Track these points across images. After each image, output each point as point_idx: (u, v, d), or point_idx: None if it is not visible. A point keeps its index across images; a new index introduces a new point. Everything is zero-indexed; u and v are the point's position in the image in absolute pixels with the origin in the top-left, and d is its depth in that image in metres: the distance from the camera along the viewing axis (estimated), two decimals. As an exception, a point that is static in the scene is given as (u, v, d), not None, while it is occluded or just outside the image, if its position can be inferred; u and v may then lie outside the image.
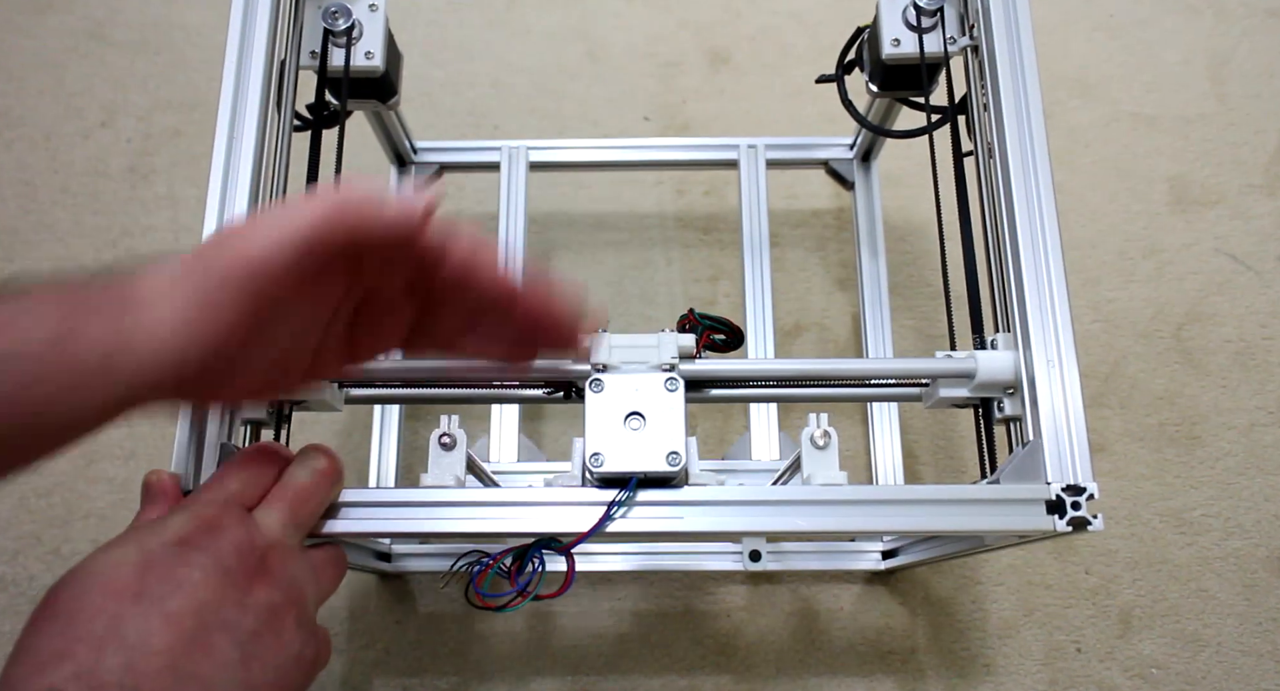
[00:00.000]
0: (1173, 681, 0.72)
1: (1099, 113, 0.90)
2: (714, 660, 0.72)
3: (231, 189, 0.48)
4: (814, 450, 0.48)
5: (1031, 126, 0.49)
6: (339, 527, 0.43)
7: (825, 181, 0.88)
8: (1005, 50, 0.51)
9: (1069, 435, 0.44)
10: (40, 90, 0.93)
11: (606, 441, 0.43)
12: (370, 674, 0.72)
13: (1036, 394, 0.45)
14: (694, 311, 0.51)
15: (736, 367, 0.48)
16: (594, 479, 0.43)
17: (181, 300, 0.33)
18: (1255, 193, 0.87)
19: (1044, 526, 0.42)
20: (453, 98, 0.93)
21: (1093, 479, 0.43)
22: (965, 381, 0.47)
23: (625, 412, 0.44)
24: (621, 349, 0.46)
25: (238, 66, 0.51)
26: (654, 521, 0.42)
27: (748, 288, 0.73)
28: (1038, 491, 0.43)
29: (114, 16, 0.96)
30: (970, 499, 0.43)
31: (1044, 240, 0.47)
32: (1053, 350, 0.45)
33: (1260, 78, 0.90)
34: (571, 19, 0.96)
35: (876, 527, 0.44)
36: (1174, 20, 0.93)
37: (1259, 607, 0.73)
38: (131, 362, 0.32)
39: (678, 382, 0.44)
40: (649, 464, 0.43)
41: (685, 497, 0.43)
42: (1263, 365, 0.81)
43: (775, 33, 0.95)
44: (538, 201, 0.86)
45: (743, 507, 0.43)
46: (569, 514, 0.42)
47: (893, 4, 0.59)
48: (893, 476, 0.72)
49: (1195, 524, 0.76)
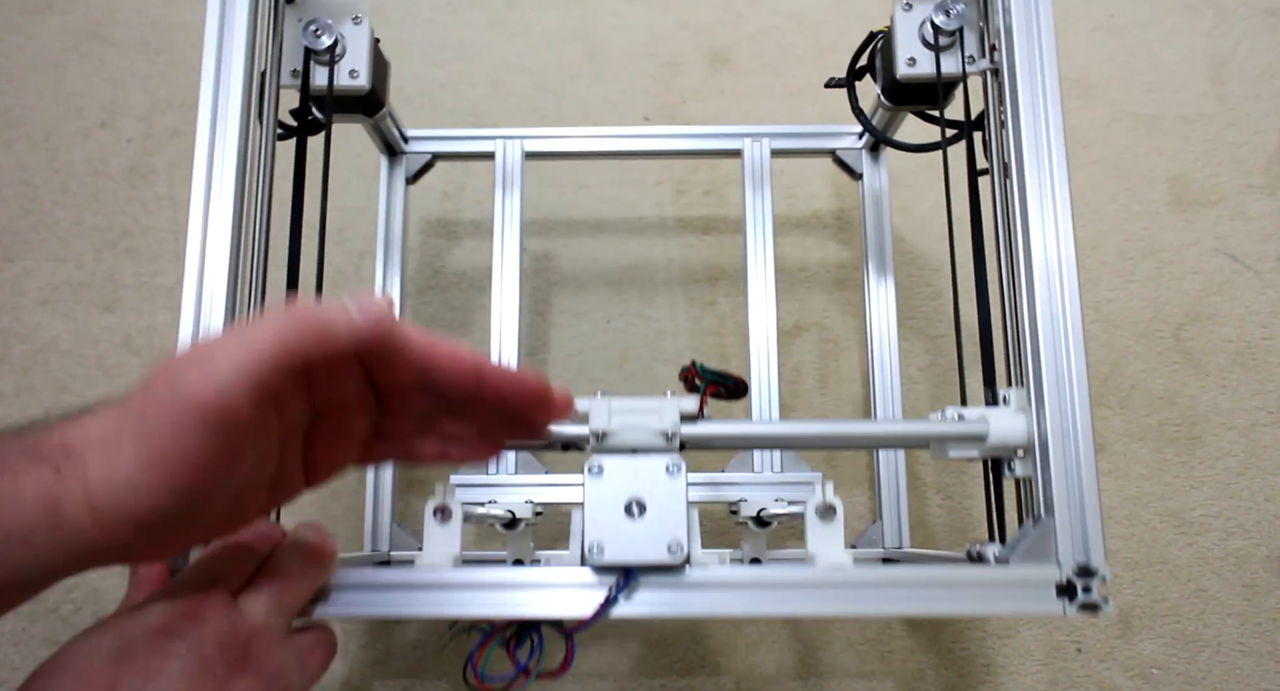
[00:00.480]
0: (1173, 681, 0.72)
1: (1099, 113, 0.90)
2: (714, 661, 0.72)
3: (215, 200, 0.47)
4: (819, 524, 0.46)
5: (1051, 148, 0.47)
6: (329, 612, 0.41)
7: (825, 181, 0.88)
8: (1027, 71, 0.49)
9: (1081, 511, 0.43)
10: (40, 90, 0.93)
11: (606, 530, 0.42)
12: (370, 674, 0.72)
13: (1050, 467, 0.43)
14: (696, 365, 0.49)
15: (739, 430, 0.47)
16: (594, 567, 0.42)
17: (133, 450, 0.31)
18: (1255, 193, 0.87)
19: (1053, 610, 0.42)
20: (453, 98, 0.93)
21: (1105, 560, 0.42)
22: (976, 443, 0.46)
23: (625, 500, 0.42)
24: (621, 413, 0.44)
25: (215, 80, 0.49)
26: (656, 606, 0.42)
27: (750, 283, 0.71)
28: (1048, 574, 0.42)
29: (114, 16, 0.96)
30: (979, 582, 0.42)
31: (1062, 283, 0.46)
32: (1068, 415, 0.44)
33: (1260, 78, 0.90)
34: (571, 19, 0.96)
35: (883, 612, 0.43)
36: (1174, 20, 0.93)
37: (1259, 607, 0.73)
38: (81, 518, 0.30)
39: (679, 467, 0.43)
40: (650, 555, 0.42)
41: (687, 582, 0.42)
42: (1263, 365, 0.81)
43: (775, 33, 0.95)
44: (537, 202, 0.86)
45: (745, 590, 0.42)
46: (569, 597, 0.42)
47: (908, 20, 0.56)
48: (897, 509, 0.70)
49: (1195, 524, 0.76)
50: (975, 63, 0.54)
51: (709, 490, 0.66)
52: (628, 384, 0.82)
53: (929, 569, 0.43)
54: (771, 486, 0.66)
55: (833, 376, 0.82)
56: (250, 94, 0.50)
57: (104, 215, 0.88)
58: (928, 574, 0.43)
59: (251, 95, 0.50)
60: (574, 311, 0.85)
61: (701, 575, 0.42)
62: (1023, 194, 0.47)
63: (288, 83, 0.56)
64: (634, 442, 0.44)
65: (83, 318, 0.84)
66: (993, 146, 0.52)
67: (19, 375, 0.82)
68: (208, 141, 0.48)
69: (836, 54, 0.64)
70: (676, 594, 0.42)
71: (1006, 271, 0.50)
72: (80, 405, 0.33)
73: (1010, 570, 0.43)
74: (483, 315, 0.83)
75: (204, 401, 0.31)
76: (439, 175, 0.87)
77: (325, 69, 0.57)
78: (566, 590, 0.42)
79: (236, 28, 0.50)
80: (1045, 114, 0.48)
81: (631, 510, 0.42)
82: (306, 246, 0.57)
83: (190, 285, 0.47)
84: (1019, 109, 0.48)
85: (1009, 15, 0.50)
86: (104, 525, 0.31)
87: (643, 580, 0.42)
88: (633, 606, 0.42)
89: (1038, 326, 0.45)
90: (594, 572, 0.42)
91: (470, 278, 0.86)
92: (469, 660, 0.42)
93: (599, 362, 0.83)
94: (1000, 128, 0.51)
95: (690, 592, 0.42)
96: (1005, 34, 0.50)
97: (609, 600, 0.41)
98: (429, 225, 0.87)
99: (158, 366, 0.32)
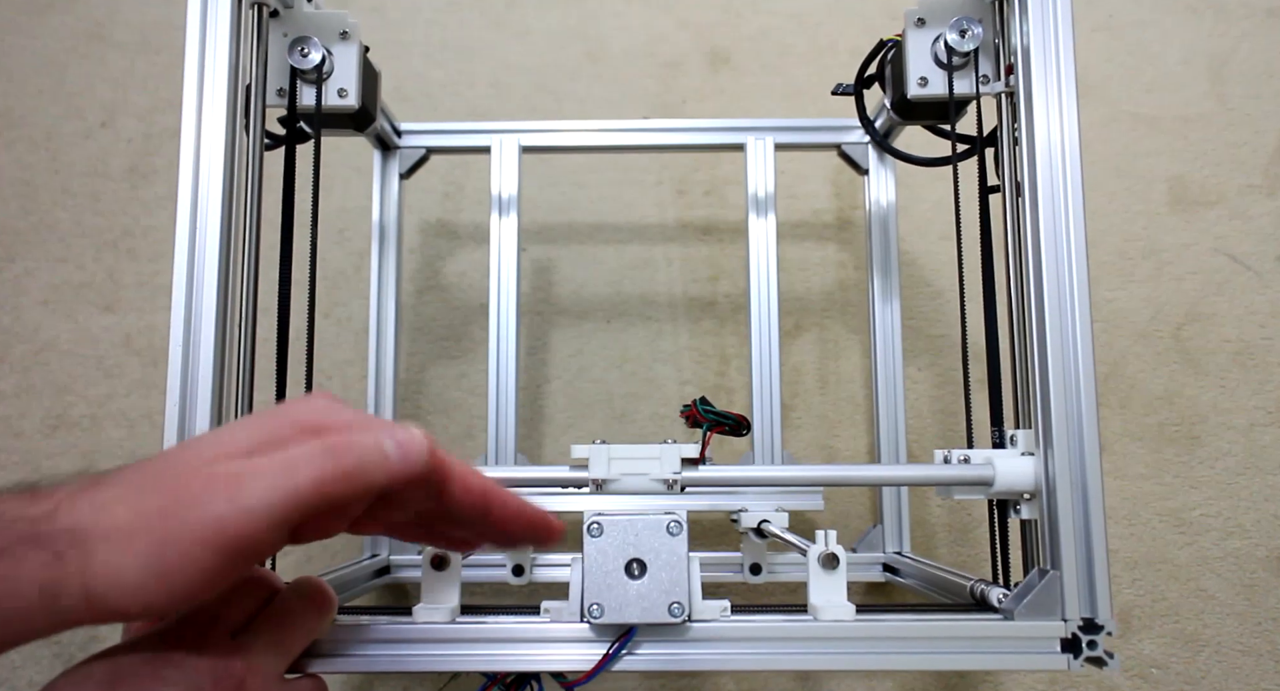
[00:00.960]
0: (1173, 681, 0.72)
1: (1099, 113, 0.90)
2: (714, 660, 0.72)
3: (200, 215, 0.47)
4: (821, 573, 0.45)
5: (1068, 172, 0.46)
6: (326, 668, 0.41)
7: (825, 181, 0.88)
8: (1044, 92, 0.47)
9: (1089, 564, 0.43)
10: (40, 90, 0.93)
11: (606, 591, 0.41)
12: (370, 674, 0.72)
13: (1057, 517, 0.43)
14: (699, 405, 0.49)
15: (741, 475, 0.47)
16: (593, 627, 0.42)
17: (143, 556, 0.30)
18: (1255, 193, 0.87)
19: (1057, 666, 0.42)
20: (453, 98, 0.93)
21: (1111, 614, 0.42)
22: (982, 488, 0.46)
23: (625, 559, 0.42)
24: (621, 461, 0.44)
25: (198, 93, 0.48)
26: (657, 661, 0.42)
27: (752, 279, 0.71)
28: (1054, 629, 0.42)
29: (114, 16, 0.96)
30: (984, 636, 0.42)
31: (1074, 327, 0.45)
32: (1076, 461, 0.44)
33: (1260, 78, 0.90)
34: (571, 19, 0.96)
35: (886, 667, 0.43)
36: (1174, 20, 0.93)
37: (1259, 607, 0.73)
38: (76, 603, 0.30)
39: (681, 527, 0.43)
40: (651, 615, 0.41)
41: (689, 637, 0.42)
42: (1262, 365, 0.81)
43: (775, 33, 0.95)
44: (537, 202, 0.86)
45: (747, 644, 0.42)
46: (569, 652, 0.42)
47: (921, 38, 0.54)
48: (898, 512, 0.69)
49: (1195, 524, 0.76)
50: (989, 84, 0.53)
51: (710, 499, 0.66)
52: (627, 383, 0.82)
53: (933, 622, 0.43)
54: (772, 495, 0.66)
55: (833, 377, 0.82)
56: (235, 106, 0.49)
57: (104, 215, 0.88)
58: (932, 627, 0.43)
59: (237, 107, 0.49)
60: (574, 311, 0.85)
61: (702, 629, 0.42)
62: (1035, 215, 0.47)
63: (274, 102, 0.55)
64: (634, 489, 0.44)
65: (83, 318, 0.84)
66: (1005, 165, 0.51)
67: (19, 375, 0.82)
68: (193, 151, 0.48)
69: (836, 54, 0.64)
70: (677, 648, 0.42)
71: (1016, 295, 0.49)
72: (89, 471, 0.33)
73: (1015, 625, 0.43)
74: (482, 315, 0.83)
75: (228, 533, 0.30)
76: (439, 176, 0.88)
77: (313, 87, 0.56)
78: (566, 645, 0.42)
79: (219, 41, 0.48)
80: (1062, 135, 0.47)
81: (632, 570, 0.42)
82: (303, 252, 0.57)
83: (179, 294, 0.47)
84: (1034, 130, 0.47)
85: (1027, 37, 0.49)
86: (97, 610, 0.31)
87: (644, 635, 0.42)
88: (633, 661, 0.42)
89: (1048, 368, 0.45)
90: (593, 630, 0.42)
91: (470, 278, 0.86)
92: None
93: (599, 362, 0.83)
94: (1014, 145, 0.50)
95: (691, 647, 0.42)
96: (1023, 55, 0.49)
97: (608, 657, 0.41)
98: (429, 226, 0.87)
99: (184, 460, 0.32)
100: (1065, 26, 0.49)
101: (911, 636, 0.42)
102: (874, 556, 0.70)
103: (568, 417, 0.81)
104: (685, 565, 0.42)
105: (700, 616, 0.43)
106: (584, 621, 0.42)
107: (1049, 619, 0.42)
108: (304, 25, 0.56)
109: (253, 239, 0.51)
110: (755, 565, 0.67)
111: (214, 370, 0.46)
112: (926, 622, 0.43)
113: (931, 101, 0.56)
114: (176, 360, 0.46)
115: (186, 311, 0.47)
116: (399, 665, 0.42)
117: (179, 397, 0.45)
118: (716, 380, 0.83)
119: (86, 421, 0.80)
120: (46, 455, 0.79)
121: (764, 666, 0.42)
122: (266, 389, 0.52)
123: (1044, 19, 0.48)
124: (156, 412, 0.80)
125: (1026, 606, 0.43)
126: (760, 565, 0.67)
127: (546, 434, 0.81)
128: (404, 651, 0.42)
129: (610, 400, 0.82)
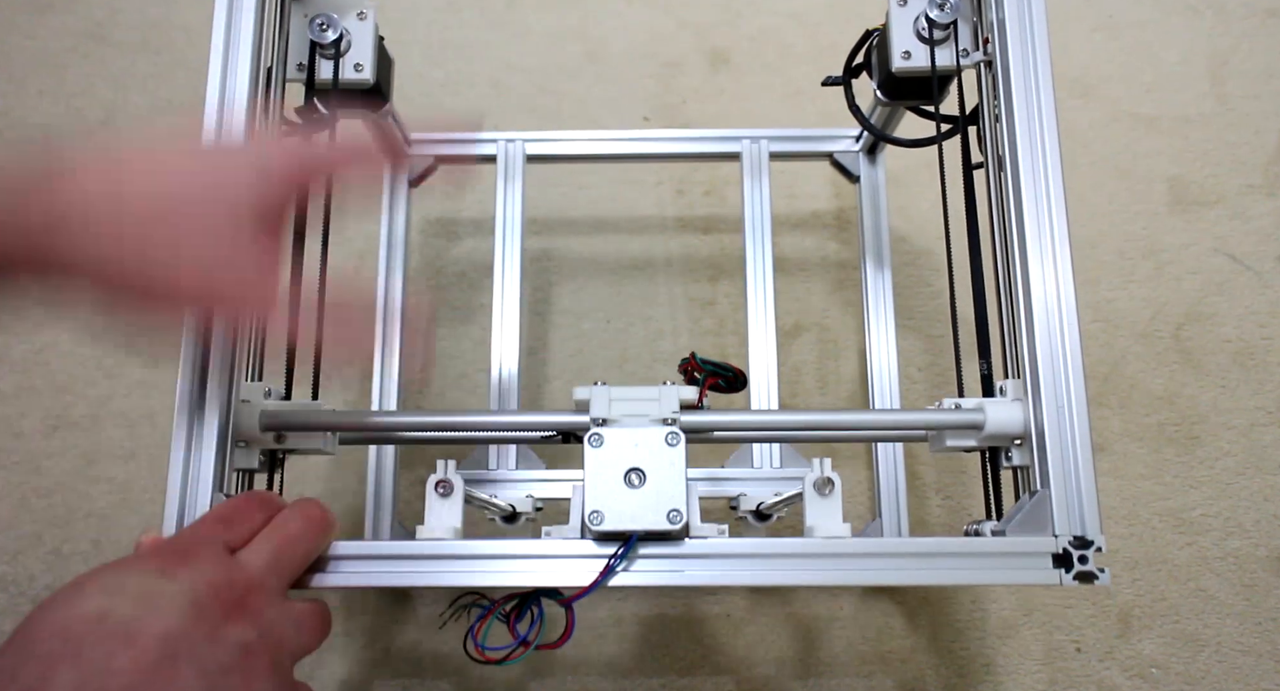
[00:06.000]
0: (1172, 681, 0.72)
1: (1099, 113, 0.90)
2: (714, 660, 0.72)
3: None
4: (817, 498, 0.46)
5: (1045, 141, 0.48)
6: (328, 581, 0.42)
7: (825, 182, 0.88)
8: (1020, 64, 0.49)
9: (1077, 486, 0.43)
10: (40, 90, 0.93)
11: (606, 498, 0.42)
12: (370, 674, 0.72)
13: (1046, 446, 0.44)
14: (696, 357, 0.50)
15: (738, 419, 0.48)
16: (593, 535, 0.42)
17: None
18: (1254, 193, 0.87)
19: (1050, 580, 0.42)
20: (453, 98, 0.93)
21: (1101, 532, 0.43)
22: (973, 432, 0.47)
23: (625, 469, 0.43)
24: (621, 402, 0.45)
25: (222, 74, 0.50)
26: (655, 575, 0.42)
27: (749, 283, 0.71)
28: (1044, 544, 0.43)
29: (114, 16, 0.96)
30: (976, 552, 0.43)
31: (1057, 275, 0.46)
32: (1063, 398, 0.45)
33: (1260, 78, 0.91)
34: (571, 19, 0.96)
35: (880, 581, 0.43)
36: (1174, 20, 0.93)
37: (1259, 607, 0.73)
38: (41, 214, 0.34)
39: (679, 437, 0.44)
40: (650, 522, 0.42)
41: (686, 551, 0.43)
42: (1262, 365, 0.81)
43: (775, 33, 0.95)
44: (537, 203, 0.86)
45: (744, 560, 0.42)
46: (568, 567, 0.42)
47: (903, 14, 0.57)
48: (896, 507, 0.70)
49: (1195, 524, 0.76)
50: (969, 56, 0.55)
51: (708, 485, 0.66)
52: (627, 383, 0.82)
53: (926, 540, 0.44)
54: (770, 481, 0.66)
55: (832, 376, 0.82)
56: (256, 90, 0.50)
57: (104, 215, 0.88)
58: (925, 544, 0.43)
59: (258, 91, 0.50)
60: (574, 311, 0.85)
61: (700, 545, 0.43)
62: (1017, 186, 0.48)
63: (293, 76, 0.57)
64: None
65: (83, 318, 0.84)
66: (987, 140, 0.53)
67: (19, 375, 0.82)
68: (213, 138, 0.48)
69: (836, 54, 0.65)
70: (675, 563, 0.42)
71: (1002, 263, 0.50)
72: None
73: (1006, 541, 0.43)
74: (483, 315, 0.83)
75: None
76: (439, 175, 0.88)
77: (330, 63, 0.58)
78: (566, 561, 0.42)
79: (244, 25, 0.50)
80: (1039, 107, 0.49)
81: (631, 479, 0.43)
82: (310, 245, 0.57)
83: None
84: (1012, 102, 0.49)
85: (1002, 9, 0.51)
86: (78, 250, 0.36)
87: (642, 549, 0.42)
88: (632, 575, 0.42)
89: (1033, 317, 0.46)
90: (594, 542, 0.43)
91: (470, 277, 0.86)
92: (469, 632, 0.43)
93: (599, 362, 0.83)
94: (994, 121, 0.51)
95: (689, 562, 0.42)
96: (999, 27, 0.51)
97: (608, 568, 0.42)
98: (429, 224, 0.87)
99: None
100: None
101: (905, 553, 0.43)
102: None
103: (568, 417, 0.81)
104: (683, 475, 0.43)
105: (698, 533, 0.43)
106: (584, 537, 0.43)
107: (1039, 535, 0.43)
108: (324, 5, 0.58)
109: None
110: None
111: (222, 369, 0.46)
112: (920, 541, 0.44)
113: (916, 76, 0.58)
114: (188, 360, 0.46)
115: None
116: (399, 580, 0.42)
117: (187, 398, 0.45)
118: (716, 380, 0.83)
119: (86, 421, 0.80)
120: (46, 455, 0.79)
121: (761, 582, 0.42)
122: (274, 382, 0.52)
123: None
124: (157, 412, 0.80)
125: (1017, 523, 0.44)
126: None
127: (546, 434, 0.81)
128: (403, 567, 0.42)
129: (610, 400, 0.82)
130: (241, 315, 0.46)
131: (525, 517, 0.60)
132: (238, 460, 0.47)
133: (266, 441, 0.48)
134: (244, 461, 0.47)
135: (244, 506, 0.40)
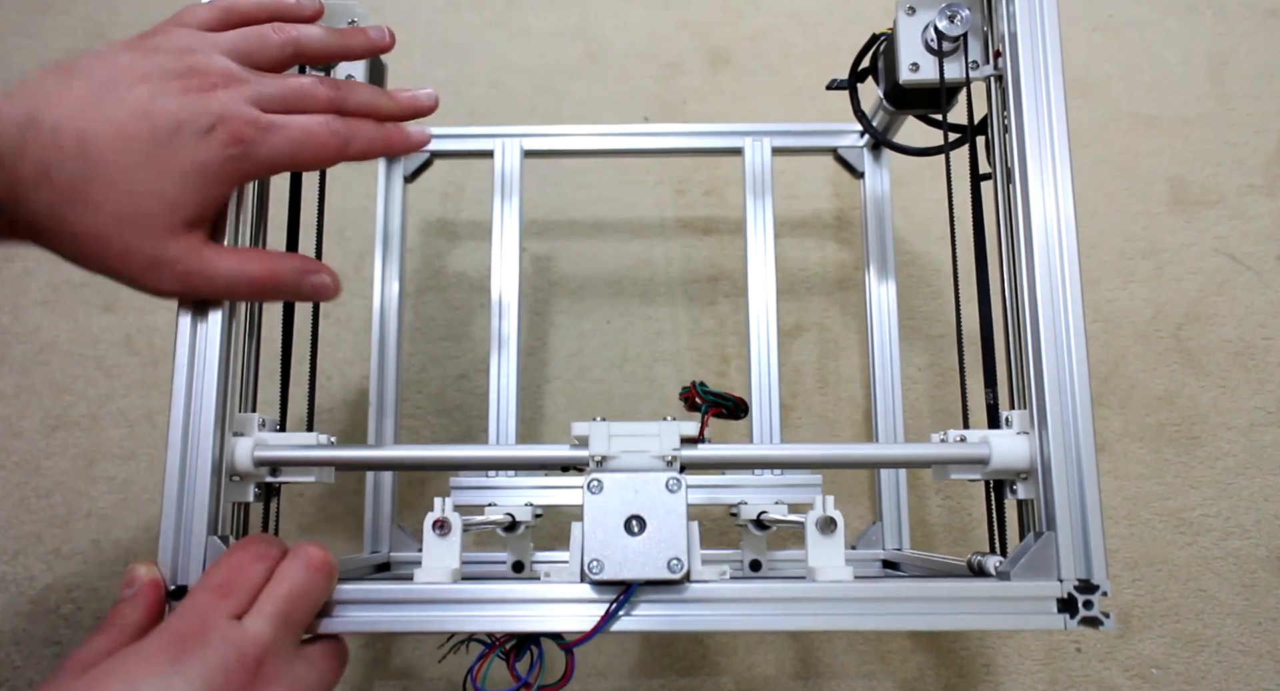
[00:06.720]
0: (1173, 681, 0.72)
1: (1099, 113, 0.90)
2: (714, 660, 0.72)
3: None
4: (819, 537, 0.45)
5: (1056, 156, 0.47)
6: (333, 627, 0.42)
7: (825, 181, 0.88)
8: (1031, 77, 0.48)
9: (1084, 527, 0.43)
10: (40, 90, 0.93)
11: (605, 547, 0.42)
12: (370, 674, 0.72)
13: (1052, 485, 0.43)
14: (697, 386, 0.49)
15: (740, 454, 0.48)
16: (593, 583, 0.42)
17: None
18: (1255, 193, 0.87)
19: (1054, 625, 0.42)
20: (453, 98, 0.93)
21: (1107, 575, 0.42)
22: (978, 467, 0.46)
23: (625, 516, 0.42)
24: (621, 438, 0.44)
25: None
26: (656, 619, 0.42)
27: (750, 283, 0.71)
28: (1049, 589, 0.42)
29: (114, 17, 0.96)
30: (981, 596, 0.42)
31: (1065, 300, 0.45)
32: (1071, 437, 0.44)
33: (1260, 78, 0.90)
34: (571, 19, 0.96)
35: (884, 627, 0.43)
36: (1174, 20, 0.93)
37: (1259, 607, 0.73)
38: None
39: (679, 483, 0.43)
40: (650, 571, 0.42)
41: (688, 596, 0.42)
42: (1262, 365, 0.81)
43: (775, 33, 0.95)
44: (537, 203, 0.86)
45: (746, 605, 0.42)
46: (569, 612, 0.42)
47: (911, 25, 0.56)
48: (897, 508, 0.70)
49: (1195, 524, 0.76)
50: (979, 69, 0.54)
51: (709, 493, 0.66)
52: (627, 384, 0.82)
53: (930, 583, 0.43)
54: (771, 489, 0.66)
55: (833, 376, 0.82)
56: None
57: (104, 215, 0.88)
58: (929, 588, 0.43)
59: None
60: (574, 311, 0.85)
61: (701, 590, 0.42)
62: (1025, 200, 0.47)
63: None
64: (634, 466, 0.44)
65: (83, 318, 0.84)
66: (996, 152, 0.52)
67: (19, 375, 0.82)
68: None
69: (837, 54, 0.65)
70: (676, 609, 0.42)
71: (1009, 280, 0.49)
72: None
73: (1012, 585, 0.43)
74: (483, 315, 0.83)
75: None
76: (439, 175, 0.88)
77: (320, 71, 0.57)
78: (566, 605, 0.42)
79: None
80: (1050, 120, 0.48)
81: (631, 527, 0.42)
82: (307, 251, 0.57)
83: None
84: (1023, 115, 0.48)
85: (1014, 22, 0.50)
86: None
87: (643, 595, 0.42)
88: (632, 621, 0.42)
89: (1040, 348, 0.45)
90: (594, 589, 0.42)
91: (470, 278, 0.86)
92: (469, 673, 0.42)
93: (599, 362, 0.83)
94: (1004, 133, 0.50)
95: (690, 607, 0.42)
96: (1010, 40, 0.50)
97: (608, 615, 0.41)
98: (429, 225, 0.87)
99: None
100: (1051, 10, 0.50)
101: (909, 597, 0.42)
102: (873, 553, 0.70)
103: (568, 418, 0.81)
104: (684, 522, 0.42)
105: (699, 578, 0.43)
106: (584, 581, 0.42)
107: (1045, 579, 0.43)
108: None
109: (261, 238, 0.51)
110: (755, 561, 0.66)
111: (219, 370, 0.46)
112: (924, 583, 0.43)
113: (923, 87, 0.57)
114: (182, 361, 0.46)
115: (191, 312, 0.47)
116: (400, 626, 0.42)
117: (184, 398, 0.45)
118: (716, 380, 0.83)
119: (86, 421, 0.80)
120: (46, 455, 0.79)
121: (763, 627, 0.42)
122: (270, 388, 0.52)
123: (1030, 2, 0.50)
124: (156, 412, 0.80)
125: (1022, 567, 0.43)
126: (760, 561, 0.67)
127: (546, 434, 0.81)
128: (404, 613, 0.42)
129: (610, 400, 0.82)
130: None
131: (525, 526, 0.60)
132: (232, 494, 0.46)
133: (261, 475, 0.48)
134: (238, 495, 0.47)
135: (242, 565, 0.40)
